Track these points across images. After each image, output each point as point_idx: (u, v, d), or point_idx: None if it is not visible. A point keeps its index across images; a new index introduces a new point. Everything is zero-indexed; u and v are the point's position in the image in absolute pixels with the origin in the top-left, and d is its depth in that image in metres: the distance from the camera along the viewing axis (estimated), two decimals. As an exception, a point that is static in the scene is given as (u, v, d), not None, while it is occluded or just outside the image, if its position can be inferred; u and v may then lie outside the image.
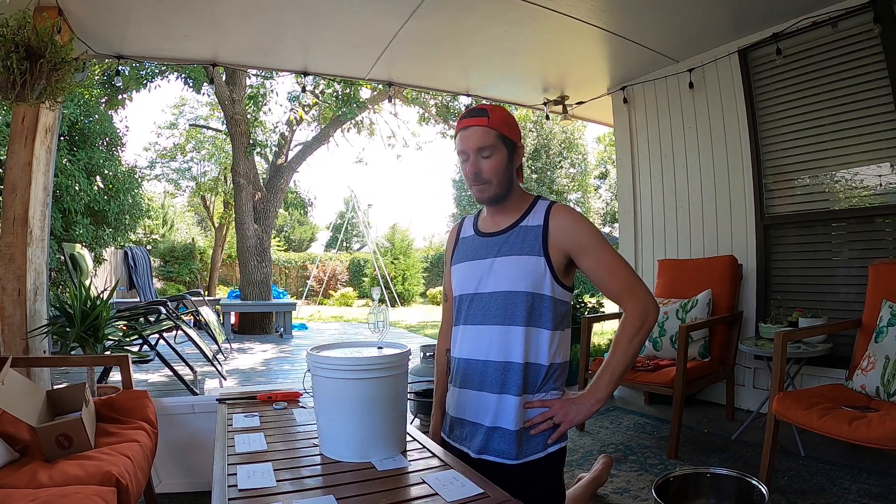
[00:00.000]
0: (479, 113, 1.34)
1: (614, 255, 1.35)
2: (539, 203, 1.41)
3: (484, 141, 1.32)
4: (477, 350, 1.37)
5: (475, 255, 1.43)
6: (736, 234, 3.50)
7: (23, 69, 2.06)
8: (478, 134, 1.33)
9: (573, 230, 1.33)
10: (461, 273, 1.46)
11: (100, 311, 2.89)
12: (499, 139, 1.33)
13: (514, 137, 1.37)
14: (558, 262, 1.34)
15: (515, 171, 1.40)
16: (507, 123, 1.36)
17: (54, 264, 5.53)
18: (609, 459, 2.31)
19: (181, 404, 2.29)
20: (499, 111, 1.36)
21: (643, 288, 1.34)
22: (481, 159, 1.34)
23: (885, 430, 1.73)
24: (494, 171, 1.34)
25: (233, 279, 15.01)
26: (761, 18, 3.17)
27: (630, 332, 1.31)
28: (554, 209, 1.37)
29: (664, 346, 3.15)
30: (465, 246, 1.49)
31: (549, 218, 1.35)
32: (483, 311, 1.36)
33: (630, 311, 1.32)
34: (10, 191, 2.77)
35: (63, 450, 1.51)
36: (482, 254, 1.41)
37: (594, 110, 4.83)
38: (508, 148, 1.36)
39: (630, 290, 1.33)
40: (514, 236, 1.37)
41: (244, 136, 7.73)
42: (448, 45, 3.64)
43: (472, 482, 1.05)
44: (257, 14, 3.14)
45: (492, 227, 1.43)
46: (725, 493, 1.69)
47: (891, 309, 2.20)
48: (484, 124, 1.32)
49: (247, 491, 1.02)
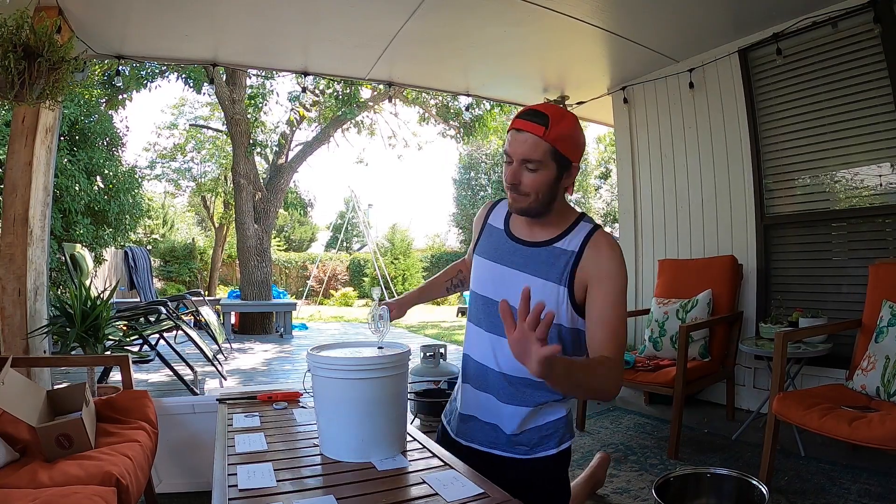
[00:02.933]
0: (538, 118, 1.16)
1: (624, 312, 1.23)
2: (581, 225, 1.27)
3: (532, 153, 1.16)
4: (492, 358, 1.31)
5: (499, 257, 1.32)
6: (736, 234, 3.50)
7: (20, 69, 2.06)
8: (529, 143, 1.16)
9: (604, 263, 1.21)
10: (483, 271, 1.36)
11: (100, 311, 2.89)
12: (550, 155, 1.17)
13: (572, 156, 1.20)
14: (580, 292, 1.23)
15: (563, 189, 1.24)
16: (568, 139, 1.18)
17: (54, 264, 5.53)
18: (606, 457, 2.30)
19: (181, 404, 2.29)
20: (563, 122, 1.17)
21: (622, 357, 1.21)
22: (525, 171, 1.19)
23: (885, 431, 1.73)
24: (536, 187, 1.19)
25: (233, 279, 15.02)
26: (761, 18, 3.17)
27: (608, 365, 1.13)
28: (594, 238, 1.24)
29: (664, 346, 3.15)
30: (491, 238, 1.37)
31: (585, 245, 1.23)
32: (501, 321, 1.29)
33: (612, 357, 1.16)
34: (10, 191, 2.77)
35: (63, 450, 1.51)
36: (507, 260, 1.31)
37: (594, 110, 4.83)
38: (560, 166, 1.19)
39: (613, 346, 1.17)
40: (545, 256, 1.26)
41: (244, 136, 7.74)
42: (448, 45, 3.64)
43: (472, 482, 1.05)
44: (257, 14, 3.14)
45: (524, 234, 1.31)
46: (725, 493, 1.69)
47: (891, 309, 2.20)
48: (539, 134, 1.15)
49: (247, 491, 1.02)
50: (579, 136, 1.22)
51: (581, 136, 1.23)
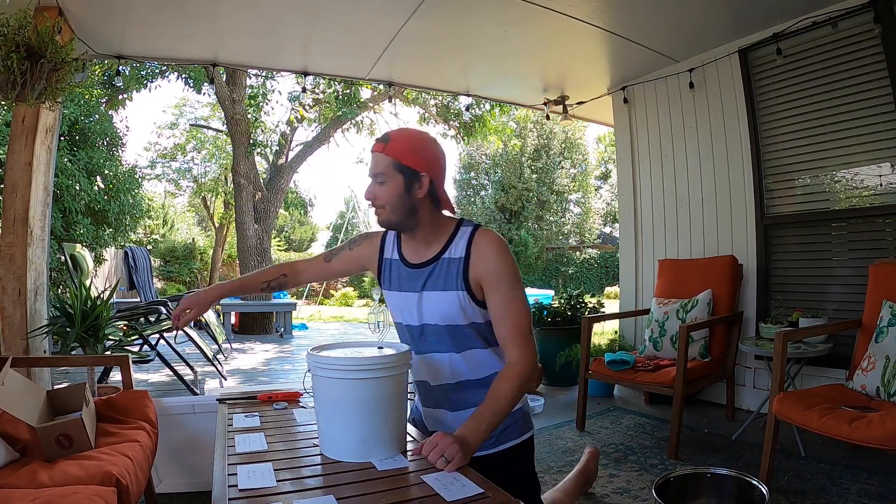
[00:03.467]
0: (381, 139, 1.34)
1: (522, 299, 1.33)
2: (461, 230, 1.37)
3: (378, 167, 1.31)
4: (427, 375, 1.41)
5: (402, 286, 1.42)
6: (736, 234, 3.50)
7: (23, 69, 2.06)
8: (375, 160, 1.32)
9: (490, 262, 1.31)
10: (395, 302, 1.45)
11: (100, 311, 2.89)
12: (393, 167, 1.30)
13: (417, 166, 1.30)
14: (478, 291, 1.33)
15: (423, 200, 1.32)
16: (408, 150, 1.30)
17: (54, 264, 5.53)
18: (594, 450, 2.30)
19: (181, 404, 2.29)
20: (403, 139, 1.32)
21: (534, 345, 1.33)
22: (376, 185, 1.33)
23: (885, 431, 1.73)
24: (387, 198, 1.32)
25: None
26: (761, 18, 3.17)
27: (514, 383, 1.26)
28: (476, 237, 1.34)
29: (664, 346, 3.15)
30: (391, 271, 1.47)
31: (470, 247, 1.33)
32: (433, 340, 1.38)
33: (517, 360, 1.29)
34: (10, 191, 2.77)
35: (63, 450, 1.51)
36: (408, 286, 1.40)
37: (594, 110, 4.83)
38: (406, 176, 1.30)
39: (523, 339, 1.31)
40: (438, 270, 1.36)
41: (244, 136, 7.74)
42: (448, 45, 3.64)
43: (473, 482, 1.05)
44: (257, 14, 3.14)
45: (415, 257, 1.41)
46: (725, 493, 1.69)
47: (891, 309, 2.20)
48: (380, 150, 1.31)
49: (247, 491, 1.02)
50: (425, 148, 1.33)
51: (428, 149, 1.33)
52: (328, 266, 1.59)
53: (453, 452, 1.11)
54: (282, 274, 1.62)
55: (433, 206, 1.36)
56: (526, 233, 17.53)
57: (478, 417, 1.22)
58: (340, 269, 1.59)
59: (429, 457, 1.11)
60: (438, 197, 1.36)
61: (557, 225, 18.83)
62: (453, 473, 1.09)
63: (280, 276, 1.62)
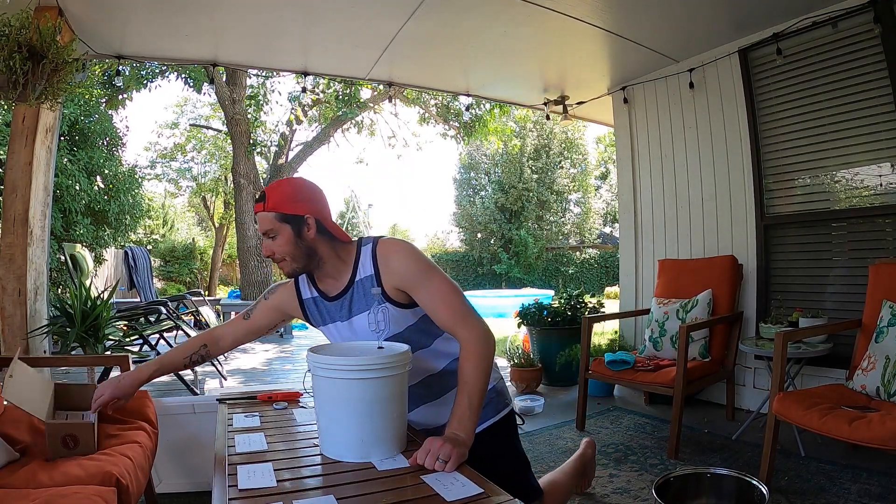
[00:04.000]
0: (258, 199, 1.37)
1: (445, 284, 1.35)
2: (363, 250, 1.41)
3: (265, 226, 1.36)
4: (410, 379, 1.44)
5: (333, 317, 1.45)
6: (736, 234, 3.50)
7: (25, 69, 2.06)
8: (260, 220, 1.36)
9: (399, 268, 1.35)
10: (333, 334, 1.48)
11: (100, 311, 2.89)
12: (278, 220, 1.34)
13: (299, 211, 1.35)
14: (400, 296, 1.37)
15: (316, 239, 1.37)
16: (286, 201, 1.35)
17: (54, 264, 5.53)
18: (591, 441, 2.29)
19: (181, 404, 2.29)
20: (277, 192, 1.36)
21: (477, 315, 1.35)
22: (269, 241, 1.37)
23: (885, 430, 1.73)
24: (283, 250, 1.36)
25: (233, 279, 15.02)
26: (761, 18, 3.17)
27: (475, 362, 1.28)
28: (378, 251, 1.39)
29: (664, 346, 3.15)
30: (315, 308, 1.49)
31: (376, 262, 1.38)
32: None
33: (468, 338, 1.30)
34: (10, 191, 2.77)
35: (67, 449, 1.51)
36: (337, 316, 1.44)
37: (594, 110, 4.83)
38: (293, 224, 1.35)
39: (464, 319, 1.33)
40: (356, 294, 1.40)
41: (245, 136, 7.74)
42: (448, 46, 3.64)
43: (472, 482, 1.05)
44: (257, 14, 3.14)
45: (331, 289, 1.44)
46: (725, 493, 1.69)
47: (891, 309, 2.20)
48: (260, 210, 1.36)
49: (247, 491, 1.02)
50: (300, 193, 1.37)
51: (304, 193, 1.38)
52: (248, 323, 1.56)
53: (448, 452, 1.12)
54: (202, 345, 1.57)
55: (328, 240, 1.40)
56: (526, 233, 17.54)
57: (457, 408, 1.25)
58: (262, 324, 1.56)
59: (425, 464, 1.12)
60: (329, 230, 1.40)
61: (557, 225, 18.84)
62: (453, 473, 1.10)
63: (200, 347, 1.57)
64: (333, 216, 1.47)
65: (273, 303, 1.55)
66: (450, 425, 1.24)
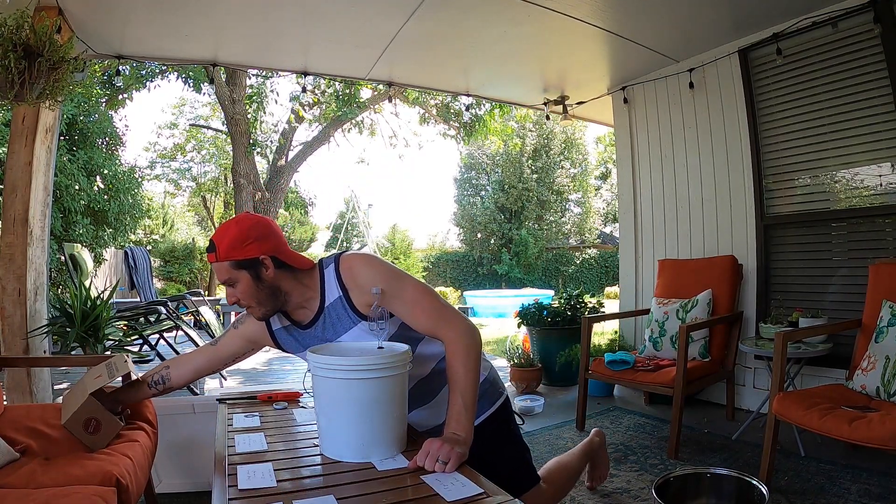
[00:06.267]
0: (210, 248, 1.33)
1: (417, 287, 1.34)
2: (326, 273, 1.38)
3: (222, 276, 1.33)
4: None
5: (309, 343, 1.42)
6: (736, 234, 3.50)
7: (21, 68, 2.06)
8: (216, 270, 1.34)
9: (367, 283, 1.32)
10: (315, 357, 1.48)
11: (100, 311, 2.89)
12: (233, 268, 1.31)
13: (252, 254, 1.30)
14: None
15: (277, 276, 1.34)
16: (236, 247, 1.30)
17: (54, 264, 5.53)
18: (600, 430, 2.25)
19: (181, 404, 2.29)
20: (224, 239, 1.30)
21: (455, 312, 1.34)
22: (231, 289, 1.34)
23: (885, 430, 1.73)
24: (247, 296, 1.33)
25: (233, 279, 14.96)
26: (761, 18, 3.17)
27: (463, 359, 1.26)
28: (342, 270, 1.36)
29: (664, 346, 3.15)
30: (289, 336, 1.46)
31: (342, 283, 1.35)
32: None
33: (451, 337, 1.29)
34: (10, 191, 2.77)
35: (86, 433, 1.50)
36: (313, 342, 1.41)
37: (594, 110, 4.83)
38: (250, 269, 1.31)
39: (444, 318, 1.31)
40: (329, 318, 1.38)
41: (244, 136, 7.75)
42: (448, 46, 3.64)
43: (472, 482, 1.05)
44: (257, 14, 3.14)
45: (303, 317, 1.42)
46: (725, 493, 1.69)
47: (891, 309, 2.20)
48: (213, 260, 1.32)
49: (247, 491, 1.02)
50: (247, 235, 1.31)
51: (251, 234, 1.31)
52: (216, 349, 1.54)
53: (447, 453, 1.12)
54: (165, 367, 1.57)
55: (289, 273, 1.36)
56: (526, 233, 17.54)
57: (453, 408, 1.25)
58: (229, 351, 1.53)
59: (425, 465, 1.12)
60: (287, 263, 1.36)
61: (557, 225, 18.84)
62: (453, 473, 1.10)
63: (163, 368, 1.56)
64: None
65: (242, 331, 1.51)
66: (447, 425, 1.24)
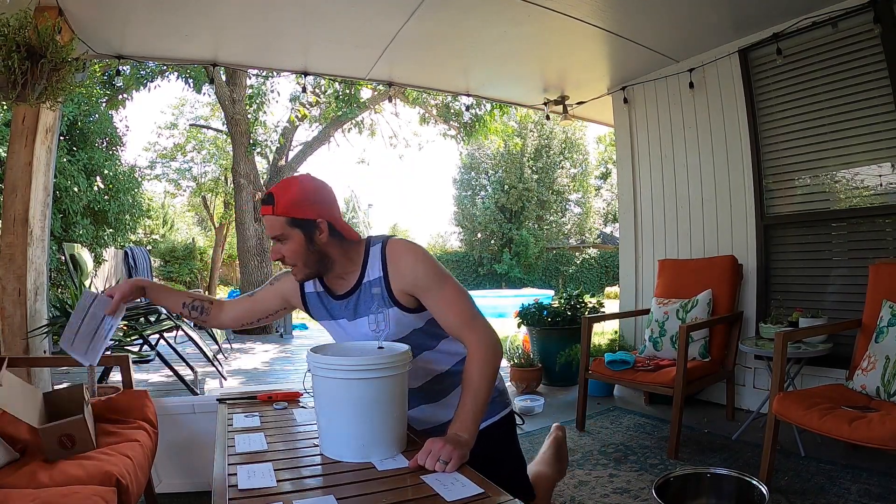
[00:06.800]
0: (267, 199, 1.31)
1: (454, 289, 1.34)
2: (371, 251, 1.38)
3: (274, 230, 1.31)
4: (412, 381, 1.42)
5: (336, 314, 1.43)
6: (736, 234, 3.50)
7: (24, 69, 2.06)
8: (269, 223, 1.32)
9: (408, 273, 1.33)
10: (334, 329, 1.47)
11: (100, 311, 2.88)
12: (289, 225, 1.29)
13: (311, 215, 1.30)
14: (408, 300, 1.36)
15: (328, 242, 1.33)
16: (297, 204, 1.29)
17: (54, 264, 5.53)
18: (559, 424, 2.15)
19: (181, 404, 2.29)
20: (286, 194, 1.29)
21: (484, 320, 1.34)
22: (280, 245, 1.33)
23: (885, 430, 1.73)
24: (294, 255, 1.32)
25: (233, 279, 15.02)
26: (761, 18, 3.17)
27: (482, 367, 1.27)
28: (387, 254, 1.36)
29: (664, 346, 3.15)
30: (319, 302, 1.47)
31: (386, 264, 1.35)
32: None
33: (475, 342, 1.30)
34: (10, 191, 2.77)
35: (66, 450, 1.51)
36: (342, 314, 1.42)
37: (594, 110, 4.83)
38: (304, 229, 1.30)
39: (470, 324, 1.32)
40: (362, 296, 1.38)
41: (244, 136, 7.74)
42: (448, 46, 3.64)
43: (473, 482, 1.05)
44: (257, 14, 3.14)
45: (339, 287, 1.42)
46: (725, 493, 1.69)
47: (891, 309, 2.20)
48: (269, 213, 1.30)
49: (247, 491, 1.02)
50: (311, 194, 1.31)
51: (314, 195, 1.32)
52: (252, 300, 1.57)
53: (448, 453, 1.12)
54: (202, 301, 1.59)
55: (339, 241, 1.36)
56: (526, 233, 17.55)
57: (462, 410, 1.25)
58: (265, 305, 1.56)
59: (426, 464, 1.12)
60: (339, 231, 1.36)
61: (557, 225, 18.85)
62: (453, 473, 1.10)
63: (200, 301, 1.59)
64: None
65: (278, 289, 1.53)
66: (452, 425, 1.24)
